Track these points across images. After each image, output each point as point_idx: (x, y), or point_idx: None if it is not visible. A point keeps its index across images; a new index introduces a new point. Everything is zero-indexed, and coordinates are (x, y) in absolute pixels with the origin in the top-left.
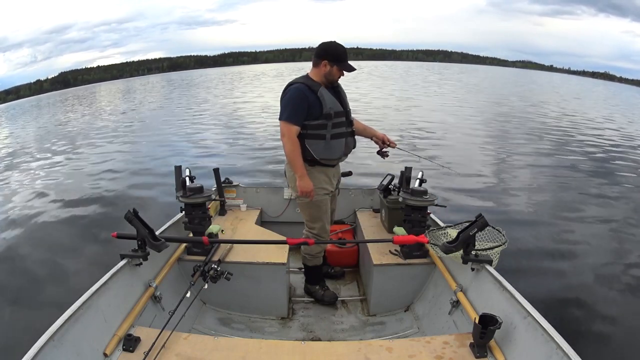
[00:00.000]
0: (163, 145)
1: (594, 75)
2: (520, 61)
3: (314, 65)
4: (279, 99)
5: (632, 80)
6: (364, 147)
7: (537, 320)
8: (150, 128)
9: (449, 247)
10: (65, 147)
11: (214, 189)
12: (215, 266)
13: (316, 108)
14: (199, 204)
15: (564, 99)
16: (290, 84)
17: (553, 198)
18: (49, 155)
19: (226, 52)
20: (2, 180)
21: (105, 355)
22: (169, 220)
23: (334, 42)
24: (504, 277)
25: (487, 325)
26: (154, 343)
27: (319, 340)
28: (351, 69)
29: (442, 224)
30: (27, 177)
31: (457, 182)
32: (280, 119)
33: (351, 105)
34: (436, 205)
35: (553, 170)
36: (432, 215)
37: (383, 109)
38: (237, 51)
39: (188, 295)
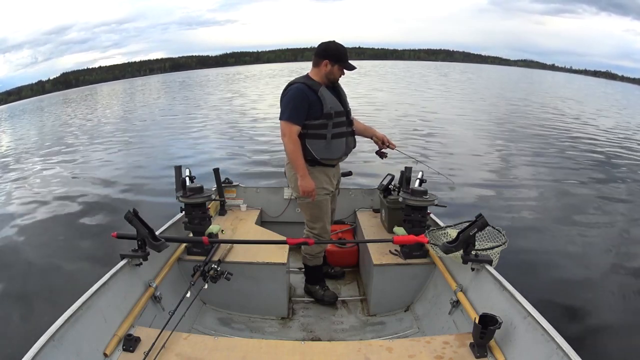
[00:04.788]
0: (163, 146)
1: (596, 74)
2: (522, 60)
3: (315, 65)
4: (279, 98)
5: (634, 79)
6: (364, 147)
7: (537, 320)
8: (150, 128)
9: (449, 247)
10: (65, 148)
11: (214, 189)
12: (215, 266)
13: (317, 108)
14: (199, 204)
15: (579, 100)
16: (290, 84)
17: (555, 198)
18: (48, 156)
19: (228, 52)
20: (2, 181)
21: (105, 355)
22: (169, 220)
23: (334, 42)
24: (504, 277)
25: (487, 325)
26: (154, 343)
27: (319, 340)
28: (352, 67)
29: (442, 224)
30: (27, 178)
31: (458, 182)
32: (280, 118)
33: (354, 106)
34: (436, 205)
35: (557, 171)
36: (432, 215)
37: (386, 109)
38: (239, 51)
39: (188, 295)
